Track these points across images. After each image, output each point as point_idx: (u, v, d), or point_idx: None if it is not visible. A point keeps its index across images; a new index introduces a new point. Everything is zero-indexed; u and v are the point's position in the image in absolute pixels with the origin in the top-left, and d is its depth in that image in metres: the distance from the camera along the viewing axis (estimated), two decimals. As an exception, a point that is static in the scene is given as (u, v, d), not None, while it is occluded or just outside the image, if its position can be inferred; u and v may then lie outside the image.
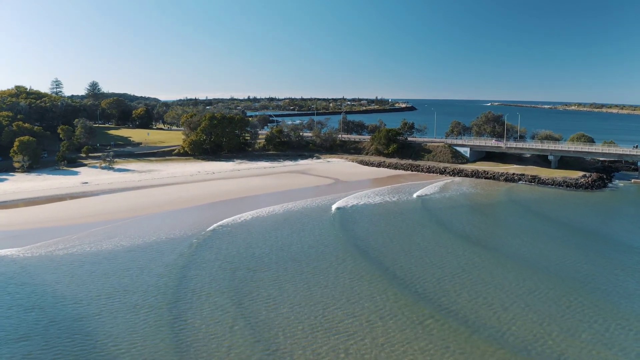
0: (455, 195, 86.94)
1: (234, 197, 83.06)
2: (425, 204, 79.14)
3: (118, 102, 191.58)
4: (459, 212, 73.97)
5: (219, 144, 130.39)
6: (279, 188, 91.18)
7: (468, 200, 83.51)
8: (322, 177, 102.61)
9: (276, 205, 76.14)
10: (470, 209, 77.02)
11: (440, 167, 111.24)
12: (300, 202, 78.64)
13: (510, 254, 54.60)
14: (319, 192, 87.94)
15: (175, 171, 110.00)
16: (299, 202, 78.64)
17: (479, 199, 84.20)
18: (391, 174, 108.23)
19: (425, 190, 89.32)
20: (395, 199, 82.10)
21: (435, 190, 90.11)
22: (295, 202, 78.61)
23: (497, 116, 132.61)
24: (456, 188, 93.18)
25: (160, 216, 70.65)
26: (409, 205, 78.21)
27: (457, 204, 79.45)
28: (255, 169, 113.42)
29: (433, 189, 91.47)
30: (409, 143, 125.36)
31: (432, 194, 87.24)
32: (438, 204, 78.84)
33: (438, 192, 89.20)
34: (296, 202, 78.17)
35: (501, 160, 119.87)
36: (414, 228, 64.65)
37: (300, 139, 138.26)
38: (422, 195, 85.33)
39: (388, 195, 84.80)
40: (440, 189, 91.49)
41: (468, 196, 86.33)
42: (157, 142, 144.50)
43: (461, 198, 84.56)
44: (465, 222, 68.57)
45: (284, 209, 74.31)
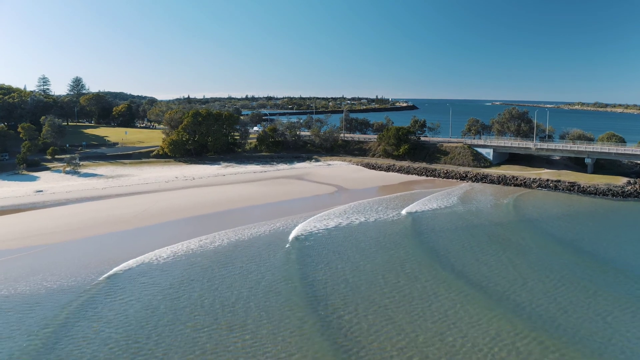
0: (495, 209, 70.55)
1: (208, 212, 66.43)
2: (474, 221, 62.74)
3: (98, 99, 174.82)
4: (518, 235, 57.56)
5: (204, 144, 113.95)
6: (268, 198, 74.69)
7: (519, 215, 66.99)
8: (322, 184, 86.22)
9: (259, 225, 59.55)
10: (527, 230, 60.58)
11: (460, 171, 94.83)
12: (292, 218, 62.07)
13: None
14: (317, 203, 71.44)
15: (149, 176, 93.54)
16: (290, 218, 62.08)
17: (525, 214, 67.76)
18: (403, 180, 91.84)
19: (450, 201, 72.98)
20: (424, 215, 65.64)
21: (470, 202, 73.81)
22: (286, 218, 62.05)
23: (522, 113, 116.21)
24: (488, 199, 76.83)
25: (95, 241, 53.59)
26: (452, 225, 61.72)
27: (507, 221, 63.03)
28: (243, 173, 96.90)
29: (462, 199, 75.16)
30: (422, 143, 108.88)
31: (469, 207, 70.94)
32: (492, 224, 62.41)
33: (472, 203, 72.90)
34: (287, 219, 61.62)
35: (528, 164, 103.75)
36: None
37: (297, 138, 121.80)
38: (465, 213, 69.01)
39: (409, 206, 68.24)
40: (471, 200, 75.13)
41: (513, 210, 69.89)
42: (136, 142, 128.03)
43: (508, 212, 68.14)
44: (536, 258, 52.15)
45: (269, 229, 57.73)
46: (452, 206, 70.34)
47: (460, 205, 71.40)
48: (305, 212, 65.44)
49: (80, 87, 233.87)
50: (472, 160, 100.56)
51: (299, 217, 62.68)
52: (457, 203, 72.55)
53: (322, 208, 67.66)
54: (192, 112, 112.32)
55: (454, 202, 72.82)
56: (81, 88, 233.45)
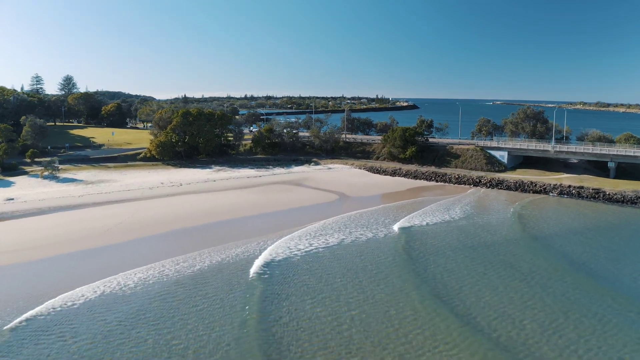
0: (514, 221, 62.39)
1: (191, 225, 58.27)
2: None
3: (87, 98, 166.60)
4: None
5: (195, 146, 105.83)
6: (261, 208, 66.55)
7: (539, 230, 58.90)
8: (322, 191, 78.17)
9: (245, 242, 51.45)
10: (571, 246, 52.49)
11: (473, 176, 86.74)
12: (282, 233, 53.98)
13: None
14: (315, 214, 63.23)
15: (132, 182, 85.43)
16: (282, 232, 53.97)
17: (545, 229, 59.68)
18: (411, 186, 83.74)
19: (463, 211, 64.85)
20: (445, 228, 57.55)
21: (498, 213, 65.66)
22: (277, 233, 53.94)
23: (537, 113, 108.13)
24: (506, 209, 68.69)
25: (51, 263, 45.37)
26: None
27: (526, 240, 54.93)
28: (236, 178, 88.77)
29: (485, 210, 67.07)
30: (431, 146, 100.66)
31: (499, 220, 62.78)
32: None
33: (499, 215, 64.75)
34: (278, 234, 53.51)
35: (544, 167, 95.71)
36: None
37: (295, 139, 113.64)
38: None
39: (418, 218, 60.10)
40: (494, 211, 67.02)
41: (532, 223, 61.79)
42: (122, 144, 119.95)
43: (527, 227, 60.04)
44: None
45: (251, 250, 49.62)
46: (466, 217, 62.21)
47: (475, 216, 63.29)
48: (300, 225, 57.31)
49: (72, 86, 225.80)
50: (486, 164, 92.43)
51: (291, 231, 54.60)
52: (471, 214, 64.37)
53: (319, 220, 59.50)
54: (182, 112, 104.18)
55: (468, 213, 64.67)
56: (72, 87, 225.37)
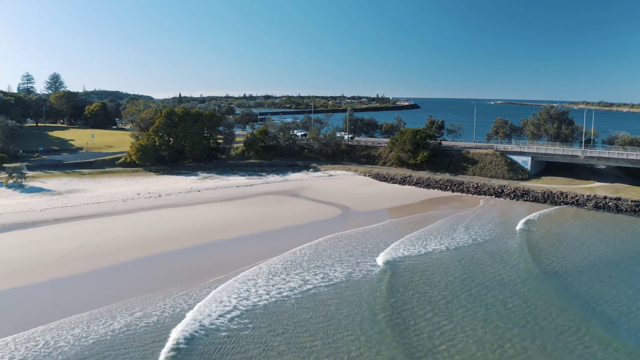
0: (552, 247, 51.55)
1: (158, 252, 47.39)
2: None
3: (69, 97, 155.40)
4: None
5: (181, 149, 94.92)
6: (247, 228, 55.59)
7: (573, 263, 48.00)
8: (322, 203, 67.38)
9: (223, 280, 40.64)
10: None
11: (493, 185, 75.96)
12: (260, 267, 43.12)
13: None
14: (312, 236, 52.36)
15: (105, 192, 74.53)
16: (260, 265, 43.11)
17: (580, 260, 48.85)
18: (425, 197, 72.87)
19: (486, 232, 54.01)
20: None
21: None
22: (258, 266, 43.06)
23: (561, 113, 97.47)
24: (542, 228, 57.90)
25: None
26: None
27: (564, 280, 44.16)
28: (224, 188, 77.84)
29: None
30: (444, 150, 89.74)
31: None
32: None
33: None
34: (256, 269, 42.65)
35: (570, 174, 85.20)
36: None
37: (292, 142, 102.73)
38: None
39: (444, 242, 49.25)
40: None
41: (568, 250, 50.96)
42: (103, 147, 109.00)
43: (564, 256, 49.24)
44: None
45: (225, 294, 38.81)
46: (483, 240, 51.51)
47: (492, 240, 52.57)
48: (287, 249, 46.51)
49: (58, 85, 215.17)
50: (507, 171, 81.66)
51: (274, 262, 43.78)
52: (489, 236, 53.68)
53: (309, 241, 48.62)
54: (166, 112, 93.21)
55: (486, 235, 53.96)
56: (59, 85, 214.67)
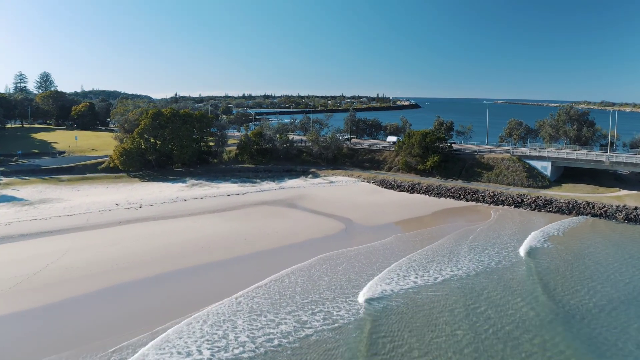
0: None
1: (126, 280, 39.88)
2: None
3: (56, 97, 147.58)
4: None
5: (168, 153, 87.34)
6: (236, 248, 48.00)
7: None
8: (322, 216, 59.89)
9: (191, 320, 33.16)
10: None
11: (512, 194, 68.42)
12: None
13: None
14: (311, 254, 44.82)
15: (81, 202, 67.00)
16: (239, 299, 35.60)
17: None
18: (436, 208, 65.22)
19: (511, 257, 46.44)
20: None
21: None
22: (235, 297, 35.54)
23: (581, 114, 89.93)
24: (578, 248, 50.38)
25: None
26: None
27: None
28: (213, 197, 70.25)
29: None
30: (456, 154, 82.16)
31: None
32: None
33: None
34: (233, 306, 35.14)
35: (593, 181, 77.66)
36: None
37: (290, 145, 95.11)
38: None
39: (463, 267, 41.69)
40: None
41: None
42: (87, 150, 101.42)
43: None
44: None
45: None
46: (507, 268, 43.95)
47: (523, 265, 45.07)
48: (278, 274, 38.95)
49: (49, 84, 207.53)
50: (526, 178, 74.13)
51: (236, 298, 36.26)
52: (514, 262, 46.17)
53: (299, 262, 41.06)
54: (152, 112, 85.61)
55: (507, 257, 46.48)
56: (49, 85, 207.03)
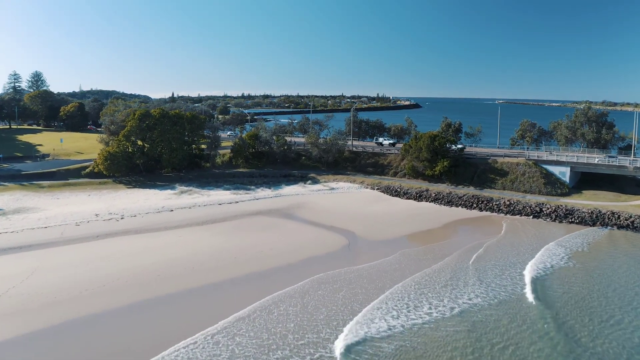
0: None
1: (85, 314, 33.89)
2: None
3: (44, 97, 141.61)
4: None
5: (157, 157, 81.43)
6: (220, 271, 41.95)
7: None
8: (323, 229, 54.00)
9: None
10: None
11: (530, 203, 62.53)
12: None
13: None
14: (309, 279, 38.91)
15: (59, 212, 61.07)
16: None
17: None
18: (448, 219, 59.29)
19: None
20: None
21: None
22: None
23: (600, 114, 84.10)
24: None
25: None
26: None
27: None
28: (203, 205, 64.31)
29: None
30: (467, 158, 76.31)
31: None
32: None
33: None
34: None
35: (613, 187, 71.85)
36: None
37: (287, 148, 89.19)
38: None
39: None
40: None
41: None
42: (72, 154, 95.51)
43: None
44: None
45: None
46: (517, 298, 38.11)
47: (543, 291, 39.21)
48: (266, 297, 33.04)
49: (40, 84, 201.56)
50: (544, 185, 68.23)
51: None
52: (532, 287, 40.35)
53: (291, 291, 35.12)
54: (139, 113, 79.68)
55: (520, 283, 40.62)
56: (41, 84, 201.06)
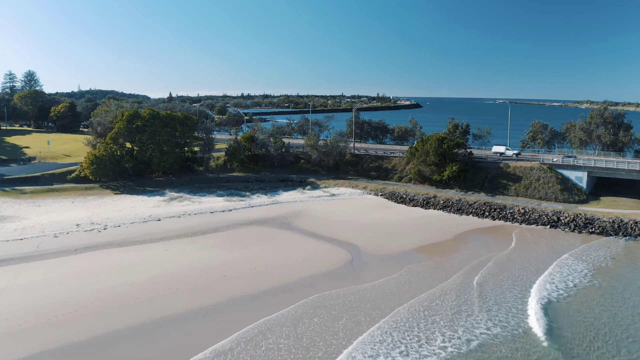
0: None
1: (40, 350, 29.37)
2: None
3: (35, 97, 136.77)
4: None
5: (147, 161, 76.71)
6: (206, 292, 37.21)
7: None
8: (323, 241, 49.30)
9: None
10: None
11: (546, 211, 57.84)
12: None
13: None
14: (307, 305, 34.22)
15: (38, 221, 56.34)
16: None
17: None
18: (459, 229, 54.52)
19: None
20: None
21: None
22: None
23: (616, 116, 79.48)
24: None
25: None
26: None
27: None
28: (194, 214, 59.60)
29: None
30: (476, 162, 71.59)
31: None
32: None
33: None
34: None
35: (630, 193, 67.11)
36: None
37: (285, 151, 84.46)
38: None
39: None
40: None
41: None
42: (59, 157, 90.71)
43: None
44: None
45: None
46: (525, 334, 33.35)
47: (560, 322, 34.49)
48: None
49: (33, 83, 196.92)
50: (560, 191, 63.49)
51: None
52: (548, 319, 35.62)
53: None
54: (128, 114, 74.95)
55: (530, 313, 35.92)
56: (34, 84, 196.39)
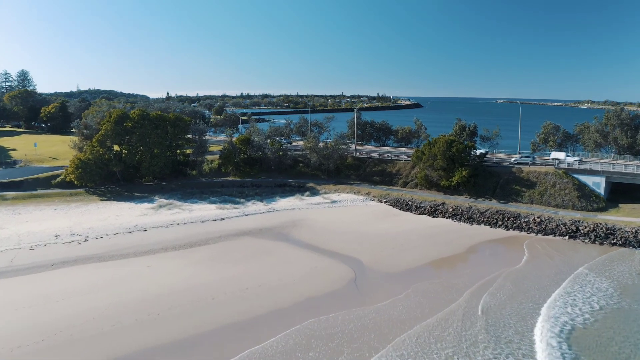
0: None
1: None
2: None
3: (25, 97, 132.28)
4: None
5: (136, 165, 72.29)
6: (192, 319, 32.67)
7: None
8: (323, 256, 44.90)
9: None
10: None
11: (564, 220, 53.49)
12: None
13: None
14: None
15: (17, 231, 51.93)
16: None
17: None
18: (472, 240, 50.15)
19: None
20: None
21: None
22: None
23: (633, 117, 75.10)
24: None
25: None
26: None
27: None
28: (183, 223, 55.20)
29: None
30: (487, 166, 67.16)
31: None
32: None
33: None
34: None
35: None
36: None
37: (283, 154, 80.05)
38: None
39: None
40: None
41: None
42: (46, 159, 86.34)
43: None
44: None
45: None
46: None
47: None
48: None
49: (27, 83, 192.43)
50: (578, 199, 59.09)
51: None
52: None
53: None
54: (116, 115, 70.50)
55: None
56: (27, 84, 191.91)
